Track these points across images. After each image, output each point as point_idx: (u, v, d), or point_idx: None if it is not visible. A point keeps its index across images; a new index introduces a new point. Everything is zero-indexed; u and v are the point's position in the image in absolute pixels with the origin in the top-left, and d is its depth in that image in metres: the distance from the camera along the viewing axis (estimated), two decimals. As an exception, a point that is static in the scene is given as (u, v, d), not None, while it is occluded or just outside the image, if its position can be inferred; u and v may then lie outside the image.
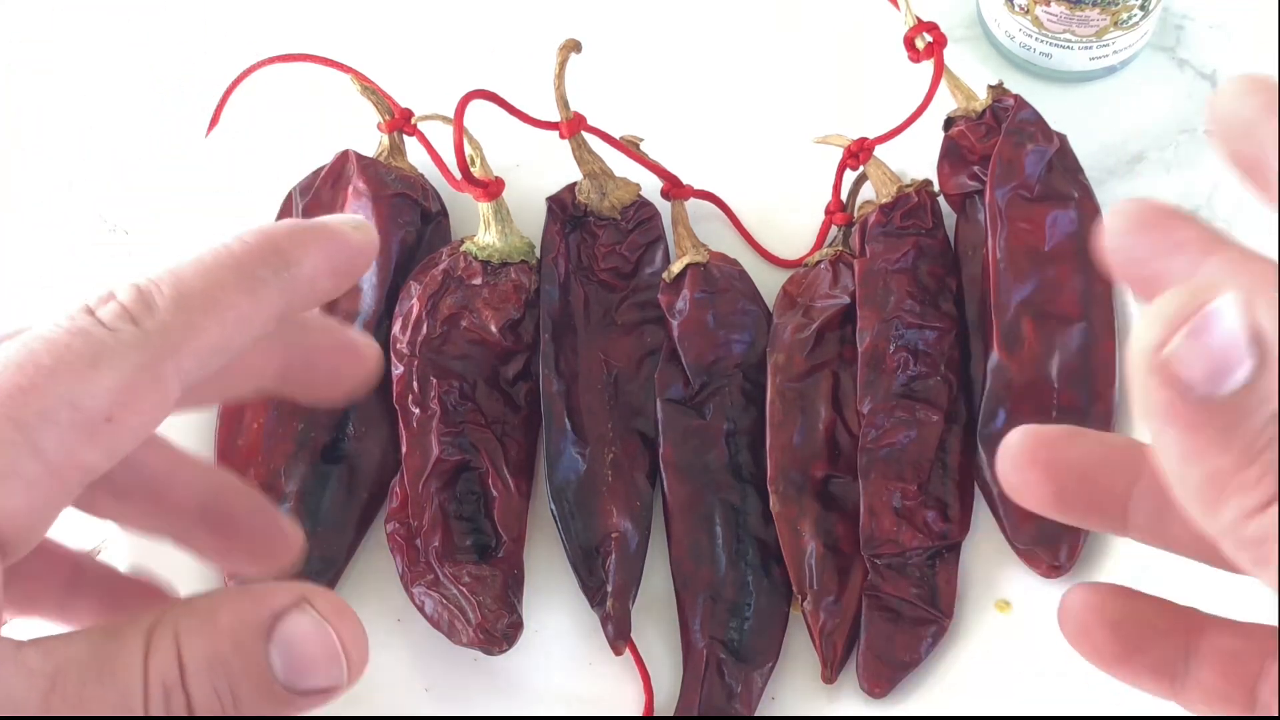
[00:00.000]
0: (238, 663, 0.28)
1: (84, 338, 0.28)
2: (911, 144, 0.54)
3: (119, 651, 0.27)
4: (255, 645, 0.28)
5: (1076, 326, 0.50)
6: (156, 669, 0.27)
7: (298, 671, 0.28)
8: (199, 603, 0.28)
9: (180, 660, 0.27)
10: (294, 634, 0.28)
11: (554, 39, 0.52)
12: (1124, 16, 0.56)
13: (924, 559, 0.50)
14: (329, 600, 0.29)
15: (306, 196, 0.55)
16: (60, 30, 0.65)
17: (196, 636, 0.28)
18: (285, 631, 0.28)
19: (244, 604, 0.28)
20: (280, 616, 0.28)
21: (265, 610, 0.28)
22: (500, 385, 0.53)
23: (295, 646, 0.28)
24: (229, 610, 0.28)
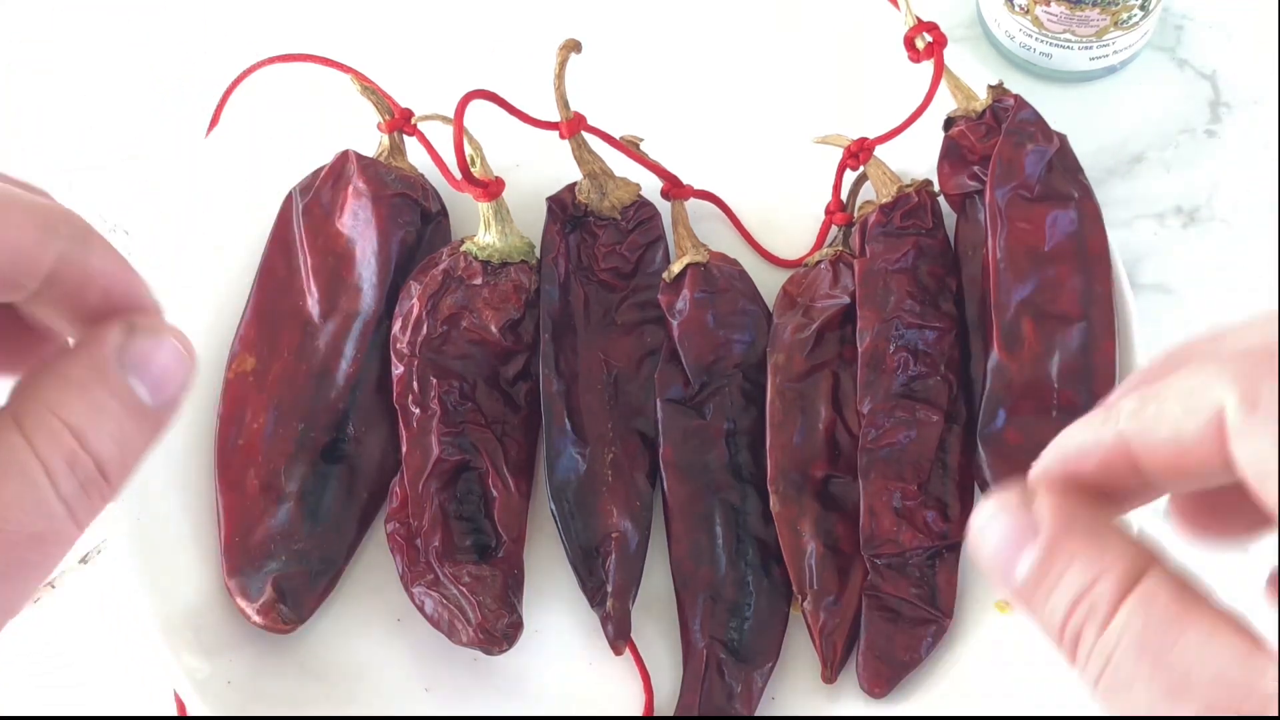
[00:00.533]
0: (114, 403, 0.28)
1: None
2: (911, 144, 0.54)
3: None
4: (119, 380, 0.28)
5: (1076, 326, 0.50)
6: (48, 447, 0.27)
7: (158, 386, 0.28)
8: (43, 379, 0.28)
9: (69, 427, 0.27)
10: (141, 355, 0.28)
11: (554, 39, 0.52)
12: (1124, 16, 0.56)
13: (924, 559, 0.50)
14: (146, 316, 0.29)
15: (306, 196, 0.55)
16: (60, 30, 0.65)
17: (70, 400, 0.27)
18: (133, 356, 0.28)
19: (85, 354, 0.28)
20: (122, 349, 0.28)
21: (108, 349, 0.28)
22: (500, 385, 0.53)
23: (148, 365, 0.28)
24: (77, 366, 0.28)
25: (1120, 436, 0.28)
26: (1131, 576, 0.26)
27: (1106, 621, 0.26)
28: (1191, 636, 0.25)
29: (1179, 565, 0.27)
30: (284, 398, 0.53)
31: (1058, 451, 0.30)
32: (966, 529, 0.29)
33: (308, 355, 0.53)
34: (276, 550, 0.51)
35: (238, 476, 0.52)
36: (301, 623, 0.50)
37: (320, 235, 0.55)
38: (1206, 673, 0.25)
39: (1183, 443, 0.26)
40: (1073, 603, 0.27)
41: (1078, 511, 0.28)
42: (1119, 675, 0.26)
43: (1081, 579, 0.27)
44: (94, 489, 0.27)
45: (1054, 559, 0.27)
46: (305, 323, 0.54)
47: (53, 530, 0.27)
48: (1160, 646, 0.25)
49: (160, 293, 0.30)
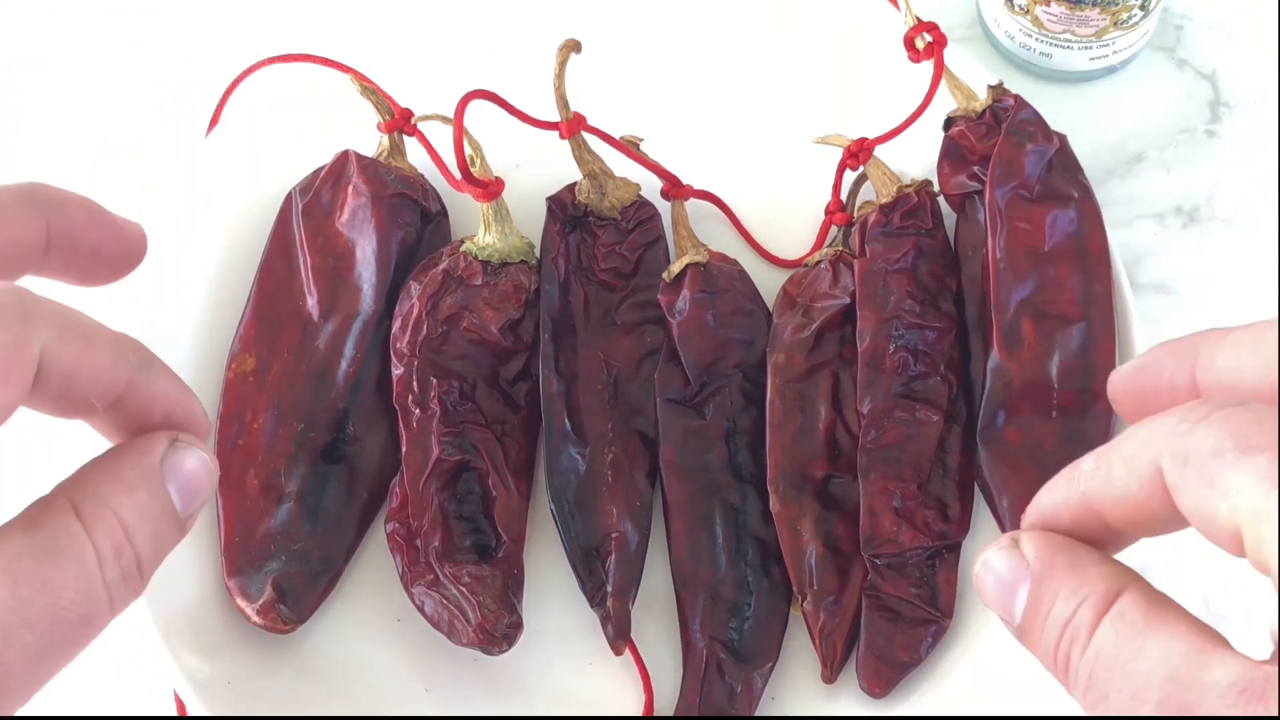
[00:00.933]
0: (156, 507, 0.31)
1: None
2: (911, 144, 0.54)
3: (58, 533, 0.29)
4: (161, 488, 0.31)
5: (1076, 326, 0.50)
6: (102, 538, 0.30)
7: (188, 499, 0.32)
8: (99, 475, 0.31)
9: (120, 521, 0.30)
10: (181, 467, 0.32)
11: (554, 39, 0.52)
12: (1124, 16, 0.56)
13: (924, 559, 0.50)
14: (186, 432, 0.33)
15: (306, 196, 0.55)
16: (60, 30, 0.65)
17: (123, 498, 0.30)
18: (173, 467, 0.32)
19: (133, 457, 0.31)
20: (165, 459, 0.31)
21: (152, 456, 0.31)
22: (500, 385, 0.53)
23: (184, 477, 0.32)
24: (126, 467, 0.31)
25: (1084, 496, 0.31)
26: (1108, 599, 0.29)
27: (1087, 643, 0.29)
28: (1153, 644, 0.28)
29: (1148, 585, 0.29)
30: (284, 398, 0.53)
31: (1036, 512, 0.32)
32: (974, 579, 0.32)
33: (308, 355, 0.53)
34: (276, 550, 0.51)
35: (238, 476, 0.52)
36: (301, 623, 0.50)
37: (320, 235, 0.55)
38: (1161, 674, 0.27)
39: (1134, 500, 0.29)
40: (1061, 631, 0.29)
41: (1058, 544, 0.31)
42: (1097, 688, 0.28)
43: (1066, 608, 0.29)
44: (130, 580, 0.30)
45: (1042, 592, 0.30)
46: (305, 323, 0.54)
47: (97, 613, 0.30)
48: (1128, 657, 0.28)
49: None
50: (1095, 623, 0.29)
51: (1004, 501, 0.50)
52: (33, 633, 0.28)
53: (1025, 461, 0.50)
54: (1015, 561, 0.31)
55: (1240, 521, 0.27)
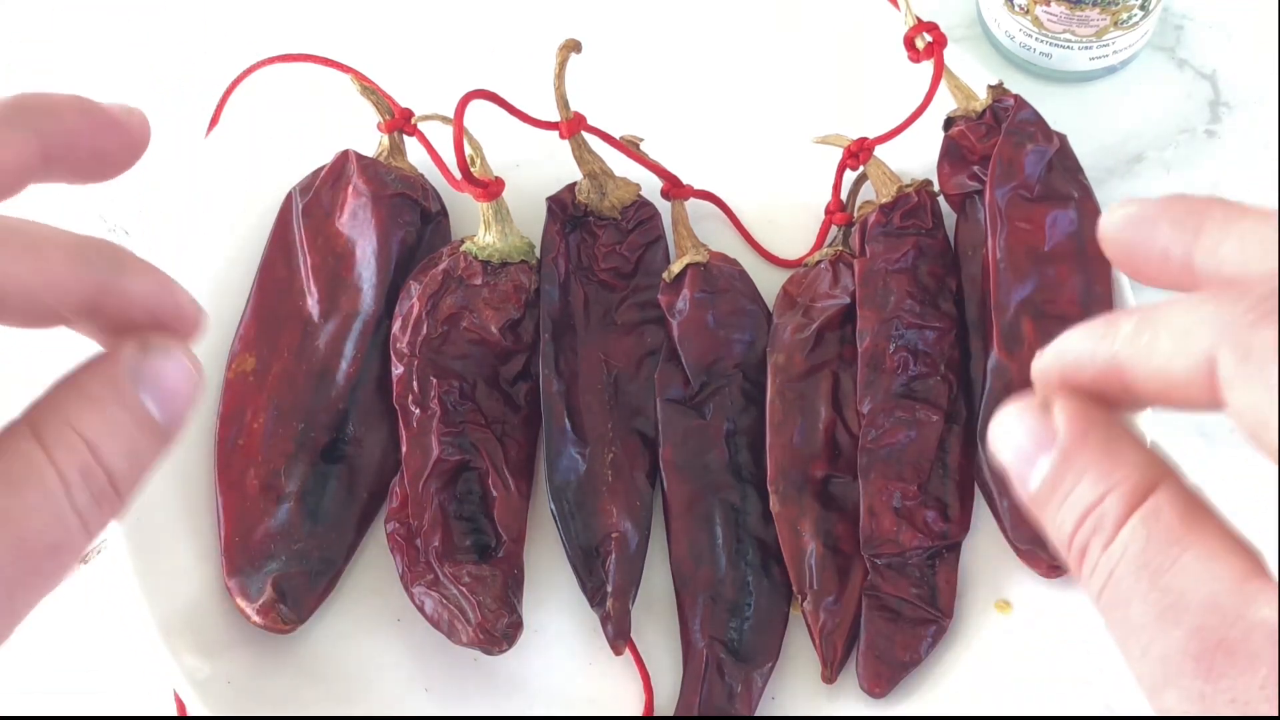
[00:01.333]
0: (127, 419, 0.29)
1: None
2: (911, 144, 0.54)
3: (17, 459, 0.27)
4: (134, 398, 0.29)
5: (1076, 326, 0.50)
6: (64, 458, 0.28)
7: (169, 405, 0.29)
8: (62, 393, 0.28)
9: (85, 440, 0.28)
10: (155, 373, 0.29)
11: (554, 39, 0.52)
12: (1124, 16, 0.57)
13: (924, 559, 0.50)
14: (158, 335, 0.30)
15: (306, 196, 0.55)
16: (60, 30, 0.65)
17: (86, 414, 0.28)
18: (147, 374, 0.29)
19: (102, 369, 0.29)
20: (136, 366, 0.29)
21: (123, 365, 0.29)
22: (500, 385, 0.53)
23: (160, 383, 0.29)
24: (94, 381, 0.29)
25: (1115, 357, 0.28)
26: (1140, 492, 0.26)
27: (1111, 537, 0.26)
28: (1190, 557, 0.25)
29: (1190, 482, 0.26)
30: (284, 398, 0.53)
31: (1057, 357, 0.30)
32: (988, 432, 0.29)
33: (308, 355, 0.53)
34: (276, 550, 0.51)
35: (238, 476, 0.52)
36: (301, 623, 0.50)
37: (320, 235, 0.55)
38: (1198, 596, 0.25)
39: (1173, 378, 0.27)
40: (1081, 515, 0.27)
41: (1094, 418, 0.28)
42: (1118, 592, 0.26)
43: (1092, 492, 0.27)
44: (105, 501, 0.28)
45: (1067, 469, 0.27)
46: (305, 323, 0.54)
47: (68, 540, 0.28)
48: (1159, 566, 0.25)
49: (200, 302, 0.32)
50: (1123, 516, 0.26)
51: (1004, 502, 0.50)
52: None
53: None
54: (1042, 426, 0.28)
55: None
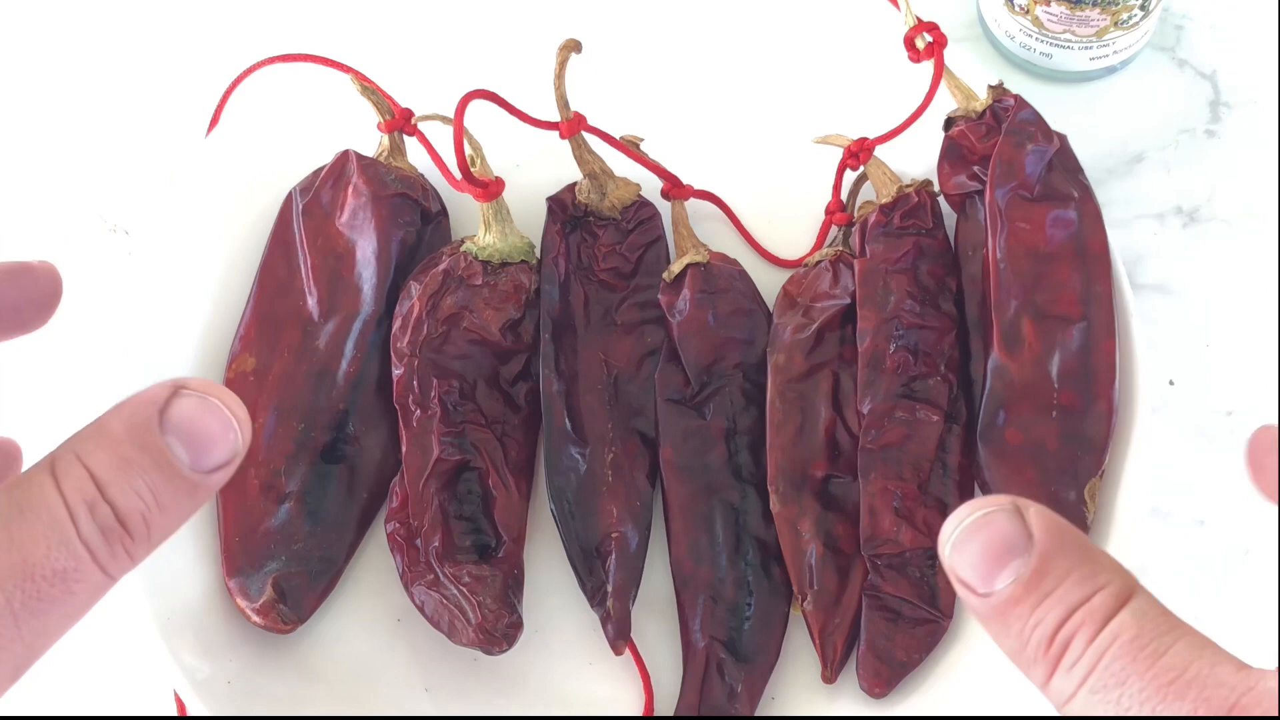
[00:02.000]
0: (144, 459, 0.29)
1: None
2: (911, 144, 0.54)
3: (29, 489, 0.28)
4: (153, 438, 0.29)
5: (1076, 326, 0.50)
6: (71, 490, 0.28)
7: (200, 451, 0.29)
8: (86, 428, 0.29)
9: (92, 475, 0.28)
10: (184, 416, 0.29)
11: (554, 39, 0.52)
12: (1124, 16, 0.57)
13: (924, 559, 0.50)
14: (199, 381, 0.30)
15: (306, 196, 0.55)
16: (60, 30, 0.65)
17: (97, 450, 0.28)
18: (175, 417, 0.29)
19: (128, 409, 0.29)
20: (165, 407, 0.29)
21: (150, 407, 0.29)
22: (500, 385, 0.53)
23: (190, 427, 0.29)
24: (116, 420, 0.29)
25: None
26: (1126, 592, 0.28)
27: (1099, 629, 0.27)
28: (1184, 644, 0.27)
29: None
30: (284, 398, 0.53)
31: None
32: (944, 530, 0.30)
33: (308, 355, 0.53)
34: (276, 550, 0.51)
35: (238, 476, 0.52)
36: (301, 623, 0.50)
37: (320, 235, 0.55)
38: (1202, 672, 0.26)
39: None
40: (1066, 613, 0.28)
41: (1067, 528, 0.29)
42: (1111, 673, 0.27)
43: (1078, 591, 0.28)
44: (113, 536, 0.28)
45: (1048, 570, 0.28)
46: (305, 323, 0.54)
47: (75, 569, 0.28)
48: (1157, 649, 0.27)
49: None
50: (1114, 611, 0.27)
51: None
52: (3, 592, 0.27)
53: (1025, 461, 0.50)
54: (1017, 529, 0.29)
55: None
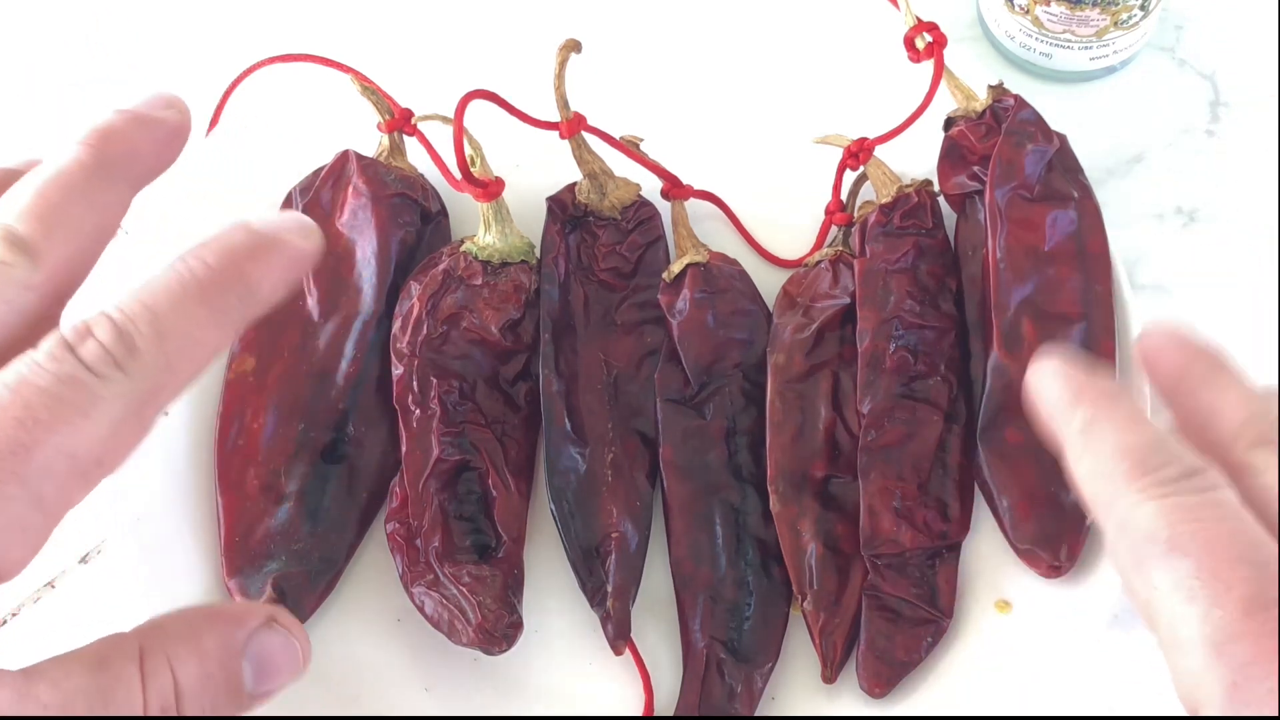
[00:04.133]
0: (222, 680, 0.31)
1: (74, 388, 0.29)
2: (911, 144, 0.54)
3: (117, 682, 0.30)
4: (236, 664, 0.32)
5: (1076, 326, 0.50)
6: (155, 694, 0.30)
7: (263, 679, 0.32)
8: (181, 626, 0.31)
9: (176, 684, 0.30)
10: (266, 649, 0.32)
11: (554, 39, 0.52)
12: (1124, 16, 0.57)
13: (924, 559, 0.50)
14: (287, 616, 0.33)
15: (306, 196, 0.55)
16: (60, 30, 0.65)
17: (188, 662, 0.31)
18: (258, 647, 0.32)
19: (225, 627, 0.32)
20: (252, 636, 0.32)
21: (244, 632, 0.32)
22: (500, 385, 0.53)
23: (266, 659, 0.32)
24: (212, 635, 0.31)
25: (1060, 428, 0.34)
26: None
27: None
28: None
29: None
30: (284, 398, 0.53)
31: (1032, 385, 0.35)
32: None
33: (308, 355, 0.53)
34: (276, 550, 0.51)
35: (238, 476, 0.52)
36: (301, 623, 0.50)
37: (320, 235, 0.55)
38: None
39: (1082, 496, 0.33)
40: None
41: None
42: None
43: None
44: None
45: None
46: (305, 323, 0.54)
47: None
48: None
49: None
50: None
51: (1004, 501, 0.50)
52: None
53: (1025, 461, 0.50)
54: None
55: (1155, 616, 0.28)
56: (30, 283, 0.31)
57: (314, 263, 0.33)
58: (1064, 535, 0.49)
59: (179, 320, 0.31)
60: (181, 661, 0.30)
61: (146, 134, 0.35)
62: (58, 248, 0.32)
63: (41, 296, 0.32)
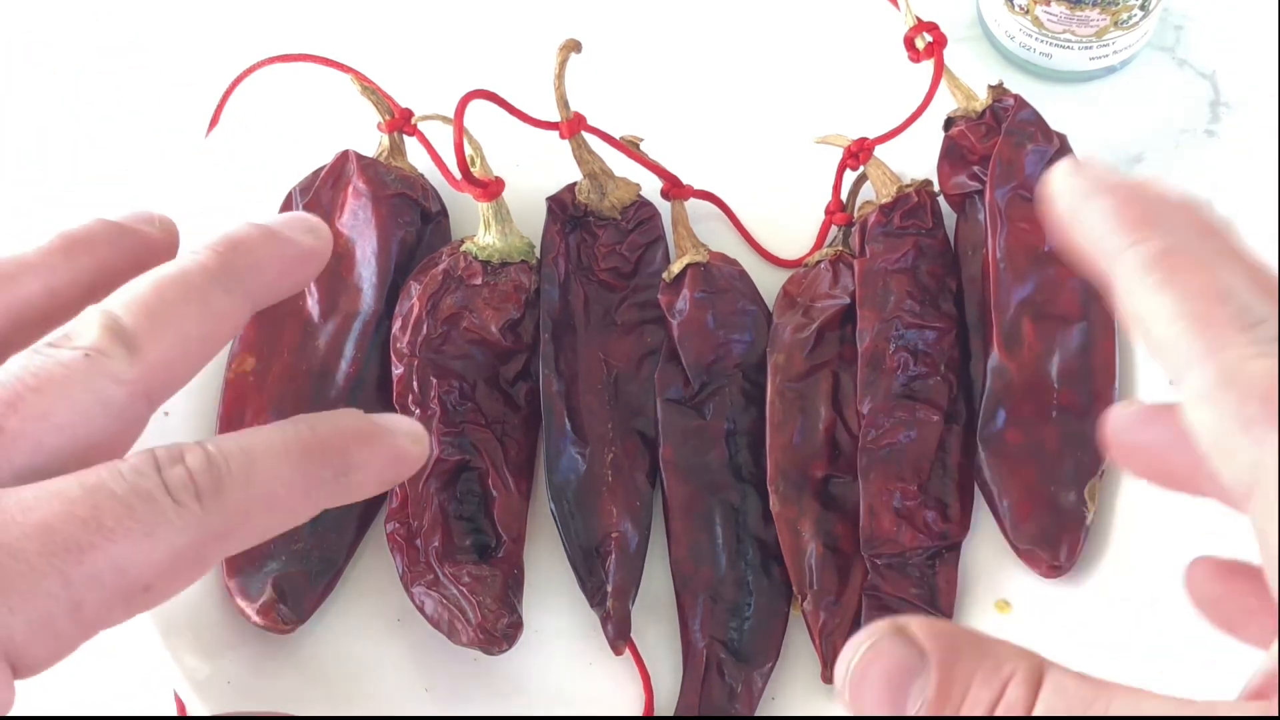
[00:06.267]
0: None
1: (148, 504, 0.28)
2: (911, 144, 0.54)
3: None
4: None
5: (1076, 326, 0.50)
6: None
7: None
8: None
9: None
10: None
11: (554, 39, 0.52)
12: (1124, 16, 0.57)
13: (924, 559, 0.50)
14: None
15: (306, 196, 0.55)
16: (60, 30, 0.65)
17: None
18: None
19: None
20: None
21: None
22: (500, 385, 0.53)
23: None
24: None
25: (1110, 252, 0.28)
26: (1035, 677, 0.26)
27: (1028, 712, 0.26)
28: (1121, 701, 0.25)
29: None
30: (284, 398, 0.53)
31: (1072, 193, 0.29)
32: (836, 674, 0.28)
33: (308, 355, 0.53)
34: (276, 550, 0.51)
35: (238, 476, 0.52)
36: (301, 623, 0.50)
37: (320, 235, 0.55)
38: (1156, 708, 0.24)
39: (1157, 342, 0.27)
40: (987, 711, 0.26)
41: (954, 630, 0.27)
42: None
43: (988, 693, 0.26)
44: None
45: (954, 678, 0.26)
46: (305, 323, 0.54)
47: None
48: (1095, 705, 0.25)
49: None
50: (1031, 698, 0.26)
51: (1004, 502, 0.50)
52: None
53: (1025, 461, 0.50)
54: (905, 649, 0.27)
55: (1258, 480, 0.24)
56: (124, 378, 0.30)
57: (416, 466, 0.33)
58: (1064, 535, 0.49)
59: (271, 474, 0.30)
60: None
61: (277, 251, 0.34)
62: (160, 347, 0.30)
63: (132, 395, 0.30)
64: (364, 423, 0.32)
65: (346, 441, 0.31)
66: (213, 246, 0.32)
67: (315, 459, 0.31)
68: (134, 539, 0.28)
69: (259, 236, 0.33)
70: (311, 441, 0.31)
